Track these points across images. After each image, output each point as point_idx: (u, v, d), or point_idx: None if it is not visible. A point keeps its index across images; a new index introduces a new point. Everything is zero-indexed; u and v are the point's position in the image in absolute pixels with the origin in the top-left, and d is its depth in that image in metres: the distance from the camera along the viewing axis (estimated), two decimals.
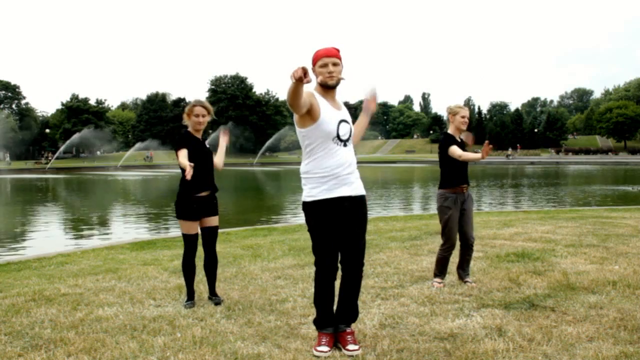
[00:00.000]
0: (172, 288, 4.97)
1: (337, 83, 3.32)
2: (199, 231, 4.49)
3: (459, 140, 4.97)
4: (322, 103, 3.29)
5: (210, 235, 4.49)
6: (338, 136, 3.30)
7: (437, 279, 4.89)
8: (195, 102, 4.41)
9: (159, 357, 3.25)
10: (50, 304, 4.47)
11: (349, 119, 3.42)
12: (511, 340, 3.38)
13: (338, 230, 3.34)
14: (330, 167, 3.31)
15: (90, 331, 3.74)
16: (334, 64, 3.28)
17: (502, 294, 4.48)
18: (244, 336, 3.57)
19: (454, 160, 4.84)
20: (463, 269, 4.96)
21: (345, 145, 3.35)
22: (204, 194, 4.40)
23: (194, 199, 4.35)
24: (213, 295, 4.51)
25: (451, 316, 3.92)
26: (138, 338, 3.57)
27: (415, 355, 3.19)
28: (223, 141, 4.69)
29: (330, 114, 3.29)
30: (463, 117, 4.90)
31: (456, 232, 4.88)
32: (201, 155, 4.38)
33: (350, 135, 3.39)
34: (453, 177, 4.87)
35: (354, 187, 3.37)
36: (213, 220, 4.48)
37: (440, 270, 4.92)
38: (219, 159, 4.63)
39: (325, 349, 3.27)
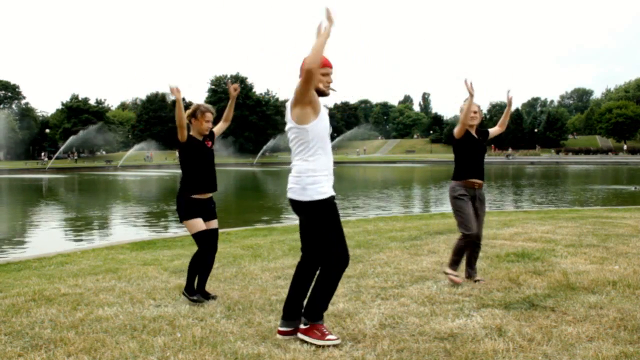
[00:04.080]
0: (172, 288, 4.97)
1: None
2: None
3: (476, 136, 4.93)
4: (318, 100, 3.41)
5: (215, 238, 4.59)
6: (329, 135, 3.45)
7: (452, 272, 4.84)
8: (206, 107, 4.48)
9: (159, 357, 3.24)
10: (50, 304, 4.47)
11: None
12: (511, 340, 3.38)
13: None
14: (328, 166, 3.44)
15: (90, 331, 3.74)
16: (330, 75, 3.42)
17: (502, 294, 4.48)
18: (244, 336, 3.57)
19: (461, 152, 4.87)
20: (471, 266, 4.97)
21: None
22: (206, 195, 4.49)
23: (193, 200, 4.43)
24: (202, 291, 4.53)
25: (451, 316, 3.92)
26: (138, 338, 3.57)
27: (415, 355, 3.19)
28: (233, 94, 4.69)
29: (324, 111, 3.43)
30: (474, 112, 4.85)
31: (475, 220, 4.83)
32: (202, 156, 4.48)
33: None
34: (462, 169, 4.90)
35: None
36: (215, 223, 4.59)
37: (456, 261, 4.88)
38: (229, 111, 4.81)
39: (334, 336, 3.41)
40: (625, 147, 76.27)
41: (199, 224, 4.42)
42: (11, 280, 5.60)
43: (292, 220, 13.49)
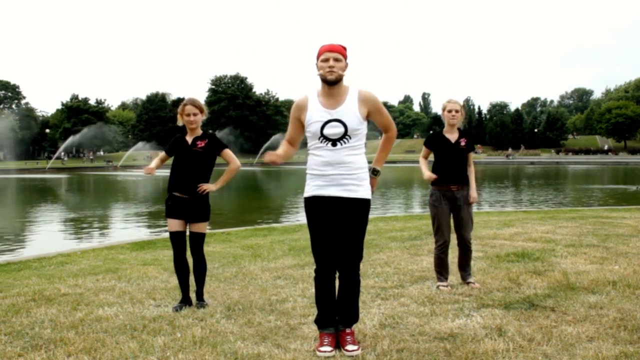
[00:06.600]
0: (172, 288, 4.97)
1: (337, 79, 3.26)
2: (186, 231, 4.46)
3: (451, 139, 4.79)
4: (311, 103, 3.33)
5: (192, 241, 4.43)
6: (323, 135, 3.29)
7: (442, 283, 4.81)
8: (186, 101, 4.45)
9: (159, 357, 3.24)
10: (50, 304, 4.47)
11: (349, 118, 3.30)
12: (511, 340, 3.38)
13: (331, 230, 3.34)
14: (317, 165, 3.35)
15: (90, 331, 3.74)
16: (336, 59, 3.24)
17: (502, 294, 4.48)
18: (244, 336, 3.57)
19: (439, 157, 4.80)
20: (464, 269, 4.93)
21: (334, 145, 3.29)
22: (178, 194, 4.37)
23: (170, 196, 4.43)
24: (199, 299, 4.43)
25: (451, 316, 3.92)
26: (138, 338, 3.57)
27: (415, 355, 3.19)
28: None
29: (317, 115, 3.30)
30: (450, 111, 4.75)
31: (447, 229, 4.82)
32: (183, 157, 4.42)
33: (343, 136, 3.29)
34: (437, 173, 4.78)
35: (348, 189, 3.31)
36: (196, 227, 4.42)
37: (440, 271, 4.87)
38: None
39: (328, 349, 3.25)
40: (606, 146, 76.41)
41: (170, 224, 4.42)
42: (11, 280, 5.60)
43: (292, 220, 13.49)
